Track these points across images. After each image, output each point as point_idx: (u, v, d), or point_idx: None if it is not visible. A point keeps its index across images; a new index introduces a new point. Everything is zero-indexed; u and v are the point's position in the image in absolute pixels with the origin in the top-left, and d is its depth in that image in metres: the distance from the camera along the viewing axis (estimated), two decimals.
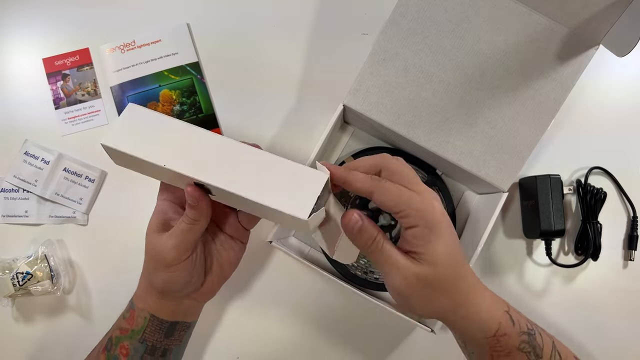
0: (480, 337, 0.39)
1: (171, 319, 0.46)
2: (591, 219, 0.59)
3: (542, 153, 0.62)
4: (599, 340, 0.60)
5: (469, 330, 0.39)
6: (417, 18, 0.51)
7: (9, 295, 0.57)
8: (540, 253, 0.60)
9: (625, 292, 0.60)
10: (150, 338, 0.45)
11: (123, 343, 0.45)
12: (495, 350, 0.39)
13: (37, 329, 0.60)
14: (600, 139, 0.62)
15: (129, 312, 0.46)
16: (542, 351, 0.40)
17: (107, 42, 0.64)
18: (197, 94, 0.63)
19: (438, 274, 0.36)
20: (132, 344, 0.45)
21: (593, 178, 0.61)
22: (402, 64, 0.52)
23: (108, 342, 0.46)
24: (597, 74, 0.62)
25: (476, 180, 0.54)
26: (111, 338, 0.46)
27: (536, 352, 0.40)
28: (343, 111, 0.54)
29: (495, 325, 0.39)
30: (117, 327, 0.47)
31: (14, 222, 0.61)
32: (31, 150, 0.62)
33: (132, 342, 0.45)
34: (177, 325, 0.46)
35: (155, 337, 0.45)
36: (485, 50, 0.51)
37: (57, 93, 0.63)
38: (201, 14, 0.64)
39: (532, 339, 0.40)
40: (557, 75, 0.51)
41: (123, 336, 0.46)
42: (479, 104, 0.51)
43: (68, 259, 0.61)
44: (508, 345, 0.39)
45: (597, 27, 0.49)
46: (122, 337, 0.45)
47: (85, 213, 0.62)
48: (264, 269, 0.61)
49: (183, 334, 0.48)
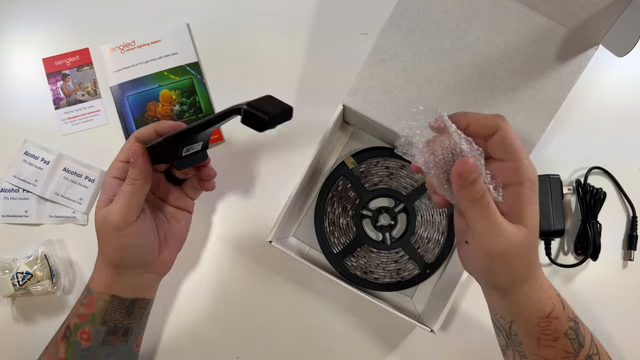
0: (533, 318, 0.38)
1: (132, 295, 0.47)
2: (591, 219, 0.59)
3: (541, 153, 0.62)
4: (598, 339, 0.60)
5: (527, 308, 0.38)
6: (416, 18, 0.51)
7: (9, 295, 0.57)
8: (540, 253, 0.60)
9: (625, 292, 0.60)
10: (111, 319, 0.46)
11: (84, 328, 0.46)
12: (544, 334, 0.38)
13: (37, 329, 0.60)
14: (600, 139, 0.62)
15: (86, 299, 0.46)
16: (585, 340, 0.39)
17: (107, 42, 0.64)
18: (197, 94, 0.63)
19: (530, 240, 0.35)
20: (94, 328, 0.46)
21: (592, 178, 0.61)
22: (401, 64, 0.52)
23: (66, 330, 0.46)
24: (596, 74, 0.62)
25: None
26: (69, 327, 0.46)
27: (579, 340, 0.39)
28: (343, 111, 0.54)
29: (550, 306, 0.37)
30: (74, 315, 0.47)
31: (14, 222, 0.61)
32: (31, 150, 0.62)
33: (93, 326, 0.46)
34: (137, 302, 0.47)
35: (117, 317, 0.46)
36: (485, 50, 0.51)
37: (57, 93, 0.63)
38: (201, 13, 0.64)
39: (577, 327, 0.39)
40: (556, 75, 0.51)
41: (82, 322, 0.46)
42: (478, 104, 0.51)
43: (68, 258, 0.61)
44: (557, 329, 0.38)
45: (596, 27, 0.49)
46: (82, 324, 0.46)
47: (85, 213, 0.62)
48: (263, 269, 0.61)
49: (143, 310, 0.49)
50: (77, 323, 0.46)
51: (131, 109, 0.63)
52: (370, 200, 0.59)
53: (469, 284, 0.60)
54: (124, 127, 0.63)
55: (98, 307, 0.45)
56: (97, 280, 0.46)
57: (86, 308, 0.46)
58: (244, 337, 0.60)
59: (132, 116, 0.63)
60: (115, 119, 0.63)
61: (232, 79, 0.64)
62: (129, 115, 0.63)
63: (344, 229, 0.59)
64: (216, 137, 0.62)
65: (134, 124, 0.63)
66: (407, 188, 0.59)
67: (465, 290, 0.60)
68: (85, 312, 0.46)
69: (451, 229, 0.59)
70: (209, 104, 0.63)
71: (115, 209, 0.43)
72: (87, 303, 0.46)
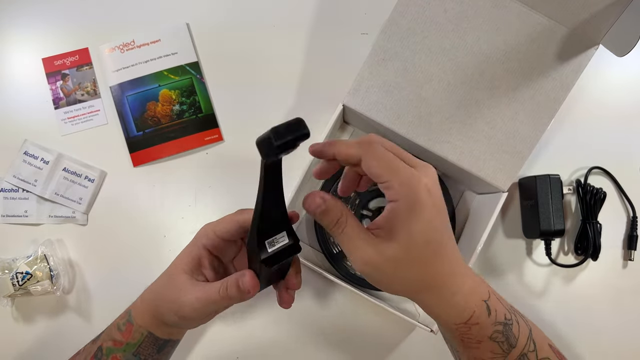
0: (450, 323, 0.38)
1: (167, 337, 0.46)
2: (591, 219, 0.59)
3: (541, 153, 0.62)
4: (598, 339, 0.60)
5: (439, 314, 0.38)
6: (416, 18, 0.51)
7: (9, 295, 0.57)
8: (540, 253, 0.60)
9: (625, 292, 0.60)
10: (143, 352, 0.45)
11: (116, 355, 0.45)
12: (466, 337, 0.38)
13: (37, 329, 0.60)
14: (600, 139, 0.62)
15: (125, 325, 0.46)
16: (517, 340, 0.39)
17: (107, 42, 0.64)
18: (197, 94, 0.63)
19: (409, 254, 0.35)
20: (125, 356, 0.45)
21: (593, 178, 0.61)
22: (401, 64, 0.52)
23: (98, 350, 0.46)
24: (596, 74, 0.62)
25: (476, 180, 0.54)
26: (101, 347, 0.46)
27: (510, 341, 0.39)
28: (343, 111, 0.54)
29: (469, 313, 0.37)
30: (109, 338, 0.46)
31: (14, 222, 0.61)
32: (31, 150, 0.62)
33: (125, 355, 0.45)
34: (169, 342, 0.47)
35: (148, 352, 0.46)
36: (485, 50, 0.51)
37: (57, 93, 0.63)
38: (200, 13, 0.64)
39: (507, 329, 0.39)
40: (556, 75, 0.51)
41: (116, 348, 0.45)
42: (478, 103, 0.51)
43: (68, 258, 0.61)
44: (479, 334, 0.38)
45: (596, 27, 0.49)
46: (115, 349, 0.45)
47: (85, 213, 0.61)
48: None
49: (171, 349, 0.49)
50: (111, 347, 0.45)
51: (131, 109, 0.63)
52: (370, 200, 0.59)
53: None
54: (123, 127, 0.63)
55: (134, 338, 0.45)
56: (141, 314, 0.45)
57: (123, 336, 0.45)
58: (244, 337, 0.60)
59: (131, 116, 0.63)
60: (115, 118, 0.63)
61: (231, 78, 0.64)
62: (129, 115, 0.63)
63: None
64: (216, 137, 0.62)
65: (134, 124, 0.63)
66: None
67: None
68: (121, 339, 0.45)
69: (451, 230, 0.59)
70: (208, 104, 0.63)
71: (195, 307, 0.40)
72: (125, 331, 0.45)
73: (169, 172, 0.62)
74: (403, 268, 0.36)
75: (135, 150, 0.62)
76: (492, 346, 0.39)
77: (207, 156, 0.63)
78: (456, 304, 0.37)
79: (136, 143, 0.62)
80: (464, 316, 0.38)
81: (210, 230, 0.43)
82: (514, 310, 0.41)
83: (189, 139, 0.62)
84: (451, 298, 0.37)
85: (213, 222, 0.43)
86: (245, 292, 0.39)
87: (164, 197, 0.62)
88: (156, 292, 0.45)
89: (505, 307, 0.40)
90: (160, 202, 0.62)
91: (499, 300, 0.40)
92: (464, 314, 0.38)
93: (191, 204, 0.62)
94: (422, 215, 0.34)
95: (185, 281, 0.42)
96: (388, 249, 0.35)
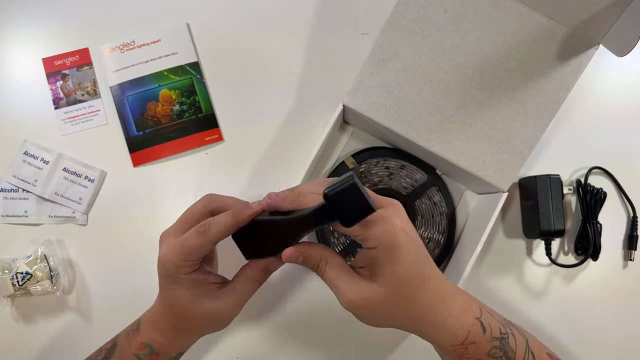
0: (447, 346, 0.39)
1: (176, 351, 0.46)
2: (591, 219, 0.59)
3: (542, 153, 0.62)
4: (598, 340, 0.60)
5: (435, 339, 0.39)
6: (416, 18, 0.51)
7: (9, 295, 0.57)
8: (540, 253, 0.60)
9: (625, 292, 0.60)
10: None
11: None
12: (464, 357, 0.39)
13: (37, 329, 0.60)
14: (600, 139, 0.62)
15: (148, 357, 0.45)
16: (515, 354, 0.39)
17: (107, 42, 0.64)
18: (197, 94, 0.63)
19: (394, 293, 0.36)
20: None
21: (593, 178, 0.61)
22: (401, 64, 0.52)
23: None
24: (596, 74, 0.62)
25: (476, 180, 0.54)
26: None
27: (508, 355, 0.39)
28: (343, 111, 0.54)
29: (464, 334, 0.38)
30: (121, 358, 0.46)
31: (14, 222, 0.61)
32: (31, 150, 0.62)
33: None
34: (178, 355, 0.48)
35: None
36: (485, 50, 0.51)
37: (57, 93, 0.63)
38: (201, 14, 0.64)
39: (504, 344, 0.39)
40: (557, 75, 0.51)
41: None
42: (478, 104, 0.51)
43: (68, 259, 0.61)
44: (477, 352, 0.38)
45: (597, 27, 0.49)
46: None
47: (85, 213, 0.61)
48: None
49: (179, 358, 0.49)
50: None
51: (131, 109, 0.63)
52: None
53: (468, 284, 0.60)
54: (123, 127, 0.63)
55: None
56: (153, 337, 0.45)
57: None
58: (244, 337, 0.60)
59: (131, 116, 0.63)
60: (115, 118, 0.63)
61: (232, 78, 0.64)
62: (129, 115, 0.63)
63: None
64: (216, 137, 0.62)
65: (134, 124, 0.63)
66: (407, 188, 0.59)
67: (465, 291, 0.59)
68: None
69: (451, 230, 0.59)
70: (208, 104, 0.63)
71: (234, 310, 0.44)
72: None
73: (169, 172, 0.62)
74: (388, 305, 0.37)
75: (135, 150, 0.62)
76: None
77: (207, 156, 0.63)
78: (450, 327, 0.38)
79: (136, 143, 0.62)
80: (459, 337, 0.38)
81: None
82: (507, 322, 0.41)
83: (189, 139, 0.62)
84: (444, 323, 0.38)
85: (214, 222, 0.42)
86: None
87: (164, 197, 0.62)
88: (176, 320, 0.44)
89: (498, 321, 0.40)
90: (160, 202, 0.62)
91: (491, 314, 0.40)
92: (459, 336, 0.38)
93: (191, 204, 0.62)
94: (402, 256, 0.36)
95: (210, 301, 0.43)
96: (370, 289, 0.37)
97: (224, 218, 0.41)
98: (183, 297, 0.42)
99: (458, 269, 0.55)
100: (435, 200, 0.59)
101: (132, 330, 0.46)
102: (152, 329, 0.44)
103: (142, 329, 0.45)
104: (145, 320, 0.46)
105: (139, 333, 0.45)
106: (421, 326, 0.38)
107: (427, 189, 0.59)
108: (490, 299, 0.60)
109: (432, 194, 0.59)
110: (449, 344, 0.38)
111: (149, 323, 0.45)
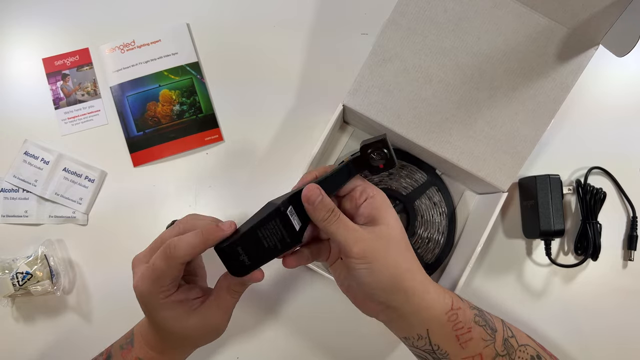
0: (441, 314, 0.39)
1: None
2: (591, 219, 0.59)
3: (541, 153, 0.62)
4: (598, 340, 0.60)
5: (432, 308, 0.39)
6: (417, 18, 0.51)
7: (9, 295, 0.57)
8: (540, 253, 0.60)
9: (625, 292, 0.60)
10: None
11: None
12: (458, 328, 0.40)
13: (37, 329, 0.60)
14: (600, 139, 0.62)
15: None
16: (495, 325, 0.41)
17: (107, 42, 0.64)
18: (197, 94, 0.63)
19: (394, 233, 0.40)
20: None
21: (593, 178, 0.61)
22: (401, 64, 0.52)
23: None
24: (596, 74, 0.62)
25: (476, 180, 0.54)
26: None
27: (489, 325, 0.41)
28: (343, 111, 0.54)
29: (449, 298, 0.41)
30: None
31: (14, 222, 0.61)
32: (31, 150, 0.62)
33: None
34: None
35: None
36: (485, 50, 0.51)
37: (57, 93, 0.63)
38: (201, 14, 0.64)
39: (482, 313, 0.41)
40: (556, 75, 0.51)
41: None
42: (478, 104, 0.51)
43: (68, 259, 0.61)
44: (466, 318, 0.40)
45: (596, 27, 0.49)
46: None
47: (85, 213, 0.62)
48: (263, 268, 0.61)
49: None
50: None
51: (131, 109, 0.63)
52: None
53: (468, 284, 0.60)
54: (123, 127, 0.63)
55: None
56: (156, 357, 0.45)
57: None
58: (244, 337, 0.60)
59: (132, 116, 0.63)
60: (115, 119, 0.63)
61: (232, 78, 0.64)
62: (129, 115, 0.63)
63: None
64: (216, 137, 0.62)
65: (134, 124, 0.63)
66: (407, 188, 0.59)
67: (465, 291, 0.59)
68: None
69: (451, 230, 0.59)
70: (208, 104, 0.63)
71: (226, 320, 0.45)
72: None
73: (169, 172, 0.62)
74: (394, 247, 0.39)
75: (135, 150, 0.62)
76: (480, 331, 0.40)
77: (207, 156, 0.63)
78: (437, 293, 0.41)
79: (136, 143, 0.62)
80: (447, 302, 0.40)
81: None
82: None
83: (189, 139, 0.62)
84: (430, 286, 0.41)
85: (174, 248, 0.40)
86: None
87: (164, 197, 0.62)
88: (158, 329, 0.44)
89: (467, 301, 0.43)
90: (160, 202, 0.62)
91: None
92: (446, 300, 0.40)
93: (191, 204, 0.62)
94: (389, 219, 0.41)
95: (206, 312, 0.43)
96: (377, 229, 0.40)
97: (189, 237, 0.39)
98: (168, 319, 0.41)
99: (458, 269, 0.55)
100: (435, 200, 0.59)
101: (126, 344, 0.46)
102: (146, 344, 0.44)
103: (136, 343, 0.45)
104: (138, 333, 0.45)
105: (133, 347, 0.45)
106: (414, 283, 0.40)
107: (427, 189, 0.59)
108: (490, 299, 0.60)
109: (432, 194, 0.59)
110: (442, 310, 0.40)
111: (142, 337, 0.45)
